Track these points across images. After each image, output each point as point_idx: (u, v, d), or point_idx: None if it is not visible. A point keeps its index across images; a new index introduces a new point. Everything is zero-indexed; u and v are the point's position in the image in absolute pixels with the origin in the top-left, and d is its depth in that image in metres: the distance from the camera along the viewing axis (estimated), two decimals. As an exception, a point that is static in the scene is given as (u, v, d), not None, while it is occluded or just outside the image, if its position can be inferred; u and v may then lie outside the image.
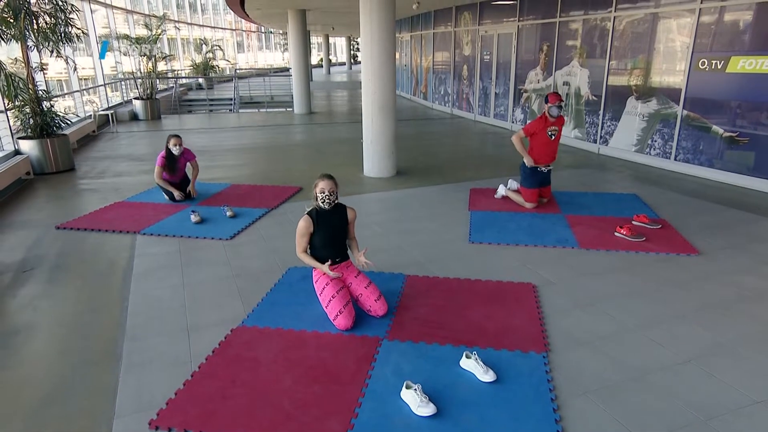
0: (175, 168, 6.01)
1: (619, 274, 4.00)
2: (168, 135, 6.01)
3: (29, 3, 6.83)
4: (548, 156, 5.51)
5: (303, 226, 3.32)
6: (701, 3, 6.62)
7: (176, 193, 5.90)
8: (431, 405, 2.45)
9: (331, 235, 3.39)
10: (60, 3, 7.40)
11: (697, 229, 4.91)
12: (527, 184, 5.53)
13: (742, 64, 6.23)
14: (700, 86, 6.79)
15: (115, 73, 15.27)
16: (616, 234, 4.73)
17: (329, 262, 3.30)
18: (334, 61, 49.62)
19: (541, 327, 3.22)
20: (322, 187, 3.28)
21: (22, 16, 6.65)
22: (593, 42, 8.52)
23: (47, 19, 7.27)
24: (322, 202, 3.30)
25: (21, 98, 7.04)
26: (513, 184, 5.91)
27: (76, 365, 2.96)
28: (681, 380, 2.73)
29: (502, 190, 5.89)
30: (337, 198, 3.34)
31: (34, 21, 6.93)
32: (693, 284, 3.83)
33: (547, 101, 5.37)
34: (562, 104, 5.40)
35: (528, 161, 5.49)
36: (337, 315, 3.18)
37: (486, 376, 2.69)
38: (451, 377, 2.74)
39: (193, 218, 5.24)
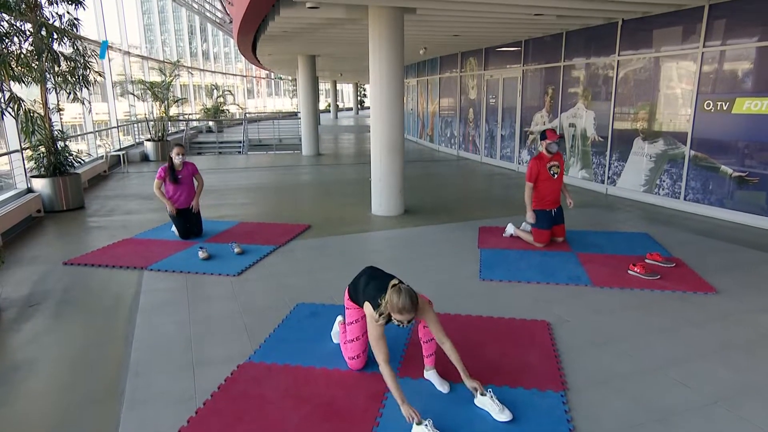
0: (178, 178, 5.91)
1: (635, 312, 3.90)
2: (172, 143, 6.03)
3: (52, 44, 7.05)
4: (553, 195, 5.50)
5: (377, 331, 2.71)
6: (703, 47, 6.76)
7: (169, 207, 5.85)
8: None
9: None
10: (80, 48, 7.67)
11: (712, 268, 4.81)
12: (538, 225, 5.49)
13: (748, 105, 6.28)
14: (706, 127, 6.84)
15: (128, 116, 15.64)
16: (629, 272, 4.64)
17: (409, 408, 2.54)
18: (341, 106, 50.76)
19: (558, 365, 3.11)
20: (401, 318, 2.63)
21: (45, 56, 6.87)
22: (598, 85, 8.67)
23: (67, 62, 7.51)
24: (398, 324, 2.70)
25: (38, 135, 7.16)
26: (526, 226, 5.85)
27: (78, 402, 2.87)
28: (709, 422, 2.60)
29: (510, 229, 5.85)
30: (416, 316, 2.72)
31: (55, 64, 7.13)
32: (712, 323, 3.72)
33: (544, 137, 5.43)
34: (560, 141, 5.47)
35: (529, 216, 5.47)
36: (354, 357, 3.05)
37: (502, 415, 2.57)
38: (466, 416, 2.62)
39: (201, 254, 5.21)
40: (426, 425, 2.40)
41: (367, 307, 2.75)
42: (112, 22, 14.88)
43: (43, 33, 6.91)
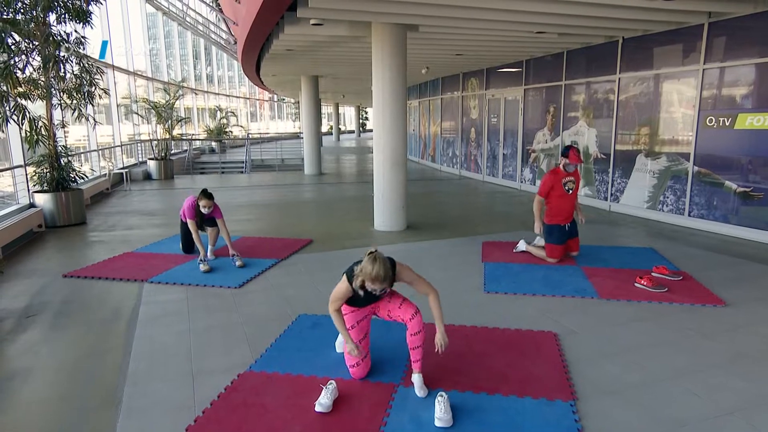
0: (203, 225, 5.66)
1: (644, 324, 3.82)
2: (200, 191, 5.44)
3: (58, 53, 7.13)
4: (566, 211, 5.43)
5: (342, 290, 2.83)
6: (704, 64, 6.80)
7: (201, 252, 5.36)
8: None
9: (371, 300, 2.94)
10: (87, 64, 7.75)
11: (720, 282, 4.74)
12: (552, 240, 5.42)
13: (750, 121, 6.29)
14: (709, 143, 6.84)
15: (133, 136, 15.74)
16: (636, 285, 4.57)
17: (357, 345, 2.90)
18: (343, 129, 51.17)
19: (566, 375, 3.03)
20: (372, 287, 2.70)
21: (50, 65, 6.94)
22: (599, 103, 8.71)
23: (73, 79, 7.60)
24: (371, 291, 2.77)
25: (42, 146, 7.16)
26: (540, 240, 5.77)
27: (73, 411, 2.79)
28: (723, 432, 2.51)
29: (522, 246, 5.76)
30: (390, 288, 2.79)
31: (60, 80, 7.20)
32: (723, 335, 3.63)
33: (566, 155, 5.29)
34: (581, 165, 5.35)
35: (537, 227, 5.46)
36: (354, 365, 2.98)
37: (439, 420, 2.54)
38: (473, 425, 2.54)
39: (202, 267, 5.16)
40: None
41: (343, 280, 2.82)
42: (118, 45, 15.07)
43: (50, 48, 6.99)
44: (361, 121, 48.44)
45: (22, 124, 6.66)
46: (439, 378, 2.98)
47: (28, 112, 6.67)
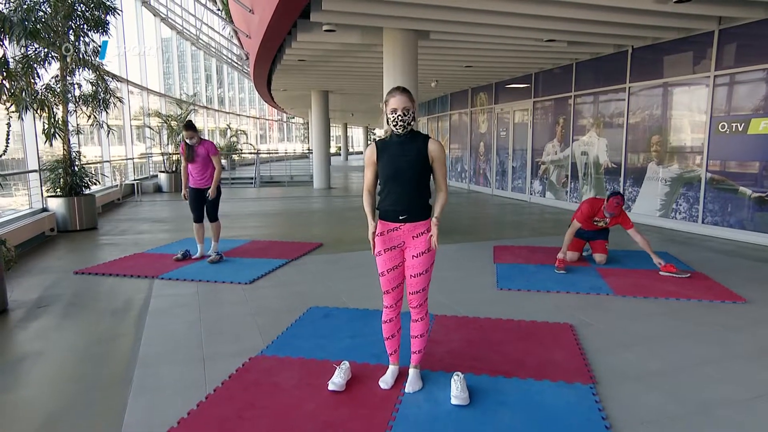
0: (193, 156, 5.46)
1: (662, 318, 3.74)
2: (182, 126, 5.45)
3: (77, 45, 7.30)
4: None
5: (367, 154, 2.60)
6: (715, 71, 6.80)
7: (183, 190, 5.61)
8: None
9: (396, 168, 2.51)
10: (101, 73, 7.89)
11: (739, 282, 4.65)
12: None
13: (764, 126, 6.25)
14: (722, 149, 6.80)
15: (146, 152, 15.95)
16: (661, 273, 4.75)
17: (375, 228, 2.58)
18: (351, 150, 51.60)
19: (584, 361, 2.96)
20: (393, 105, 2.47)
21: (70, 57, 7.09)
22: (610, 113, 8.72)
23: (89, 87, 7.75)
24: (395, 125, 2.49)
25: (58, 137, 7.21)
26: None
27: (83, 389, 2.76)
28: (754, 414, 2.43)
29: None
30: (414, 120, 2.52)
31: (77, 85, 7.35)
32: (745, 328, 3.54)
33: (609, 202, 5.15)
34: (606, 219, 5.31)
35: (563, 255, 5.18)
36: (384, 293, 2.68)
37: (455, 398, 2.49)
38: (491, 404, 2.47)
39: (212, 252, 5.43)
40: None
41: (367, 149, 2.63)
42: (133, 65, 15.38)
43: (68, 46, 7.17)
44: (369, 142, 48.90)
45: (41, 115, 6.76)
46: (453, 363, 2.92)
47: (48, 103, 6.77)
